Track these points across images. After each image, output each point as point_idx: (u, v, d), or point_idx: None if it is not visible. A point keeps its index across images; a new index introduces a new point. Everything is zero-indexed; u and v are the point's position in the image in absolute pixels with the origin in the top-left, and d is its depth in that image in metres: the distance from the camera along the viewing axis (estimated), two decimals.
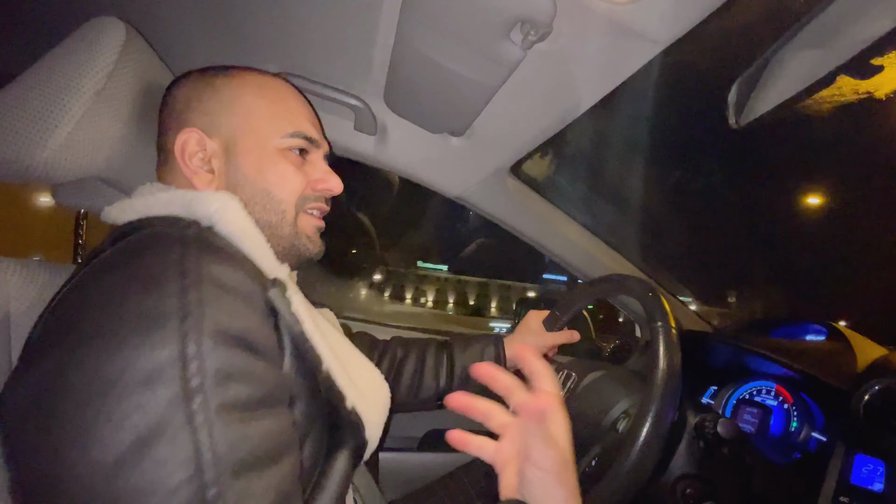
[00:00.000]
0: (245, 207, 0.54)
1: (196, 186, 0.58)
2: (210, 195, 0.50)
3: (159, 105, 0.64)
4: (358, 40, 0.73)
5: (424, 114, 0.86)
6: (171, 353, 0.37)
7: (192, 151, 0.58)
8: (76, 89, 0.53)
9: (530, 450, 0.44)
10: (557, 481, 0.43)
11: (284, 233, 0.61)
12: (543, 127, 0.84)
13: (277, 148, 0.60)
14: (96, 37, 0.56)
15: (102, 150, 0.56)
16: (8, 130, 0.50)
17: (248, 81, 0.61)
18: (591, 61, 0.66)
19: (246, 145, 0.59)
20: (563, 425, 0.45)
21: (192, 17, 0.73)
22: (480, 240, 4.68)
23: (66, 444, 0.35)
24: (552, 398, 0.45)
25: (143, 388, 0.36)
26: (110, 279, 0.42)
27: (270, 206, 0.59)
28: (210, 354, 0.39)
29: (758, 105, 0.67)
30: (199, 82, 0.61)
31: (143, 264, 0.42)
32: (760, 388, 1.01)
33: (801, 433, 0.89)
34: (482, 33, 0.60)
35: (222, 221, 0.49)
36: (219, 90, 0.60)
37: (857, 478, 0.71)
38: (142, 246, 0.44)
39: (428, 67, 0.69)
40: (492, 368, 0.47)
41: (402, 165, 0.98)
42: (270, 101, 0.61)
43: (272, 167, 0.60)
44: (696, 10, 0.55)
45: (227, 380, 0.39)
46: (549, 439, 0.44)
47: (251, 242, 0.51)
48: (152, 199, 0.52)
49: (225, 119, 0.59)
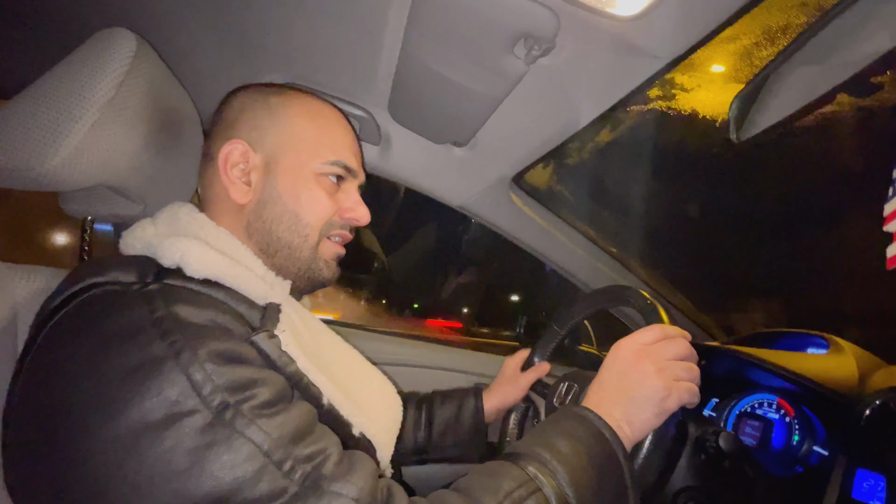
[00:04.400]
0: (270, 224, 0.59)
1: (232, 196, 0.59)
2: (172, 243, 0.50)
3: (169, 115, 0.65)
4: (364, 51, 0.74)
5: (428, 125, 0.86)
6: (181, 387, 0.38)
7: (234, 161, 0.60)
8: (87, 99, 0.53)
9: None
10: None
11: (303, 255, 0.62)
12: (546, 139, 0.84)
13: (315, 172, 0.62)
14: (107, 47, 0.56)
15: (112, 159, 0.57)
16: (19, 139, 0.51)
17: (301, 104, 0.63)
18: (593, 76, 0.67)
19: (286, 164, 0.61)
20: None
21: (201, 28, 0.75)
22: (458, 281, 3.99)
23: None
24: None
25: (171, 423, 0.37)
26: (84, 343, 0.41)
27: (296, 227, 0.61)
28: (217, 374, 0.40)
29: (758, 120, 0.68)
30: (255, 96, 0.63)
31: (111, 324, 0.42)
32: (762, 401, 1.01)
33: (803, 447, 0.89)
34: (487, 47, 0.61)
35: (188, 267, 0.49)
36: (272, 108, 0.62)
37: (858, 492, 0.70)
38: (103, 306, 0.44)
39: (432, 79, 0.70)
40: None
41: (405, 175, 0.98)
42: (318, 126, 0.63)
43: (306, 191, 0.61)
44: (698, 27, 0.55)
45: (244, 388, 0.41)
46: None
47: (228, 274, 0.51)
48: (130, 238, 0.54)
49: (272, 136, 0.61)
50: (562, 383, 0.79)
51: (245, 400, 0.40)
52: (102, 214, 0.69)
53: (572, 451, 0.49)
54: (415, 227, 1.68)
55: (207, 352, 0.40)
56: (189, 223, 0.56)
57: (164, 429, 0.36)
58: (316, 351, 0.55)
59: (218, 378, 0.39)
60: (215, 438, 0.37)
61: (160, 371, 0.38)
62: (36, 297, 0.58)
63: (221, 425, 0.38)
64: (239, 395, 0.40)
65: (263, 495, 0.36)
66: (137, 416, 0.37)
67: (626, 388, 0.56)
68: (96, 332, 0.42)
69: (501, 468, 0.48)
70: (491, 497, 0.44)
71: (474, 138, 0.87)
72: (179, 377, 0.38)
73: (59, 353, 0.42)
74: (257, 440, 0.38)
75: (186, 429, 0.37)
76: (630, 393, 0.56)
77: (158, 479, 0.36)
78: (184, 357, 0.39)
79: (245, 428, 0.38)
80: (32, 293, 0.57)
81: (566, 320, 0.91)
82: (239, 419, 0.38)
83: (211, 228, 0.57)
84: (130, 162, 0.61)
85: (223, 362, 0.41)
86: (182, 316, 0.43)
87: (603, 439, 0.52)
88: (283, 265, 0.61)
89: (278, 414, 0.41)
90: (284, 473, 0.38)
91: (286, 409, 0.43)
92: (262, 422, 0.39)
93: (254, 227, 0.60)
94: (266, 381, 0.43)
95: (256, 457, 0.37)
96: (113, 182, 0.61)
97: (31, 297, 0.57)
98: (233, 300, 0.50)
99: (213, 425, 0.37)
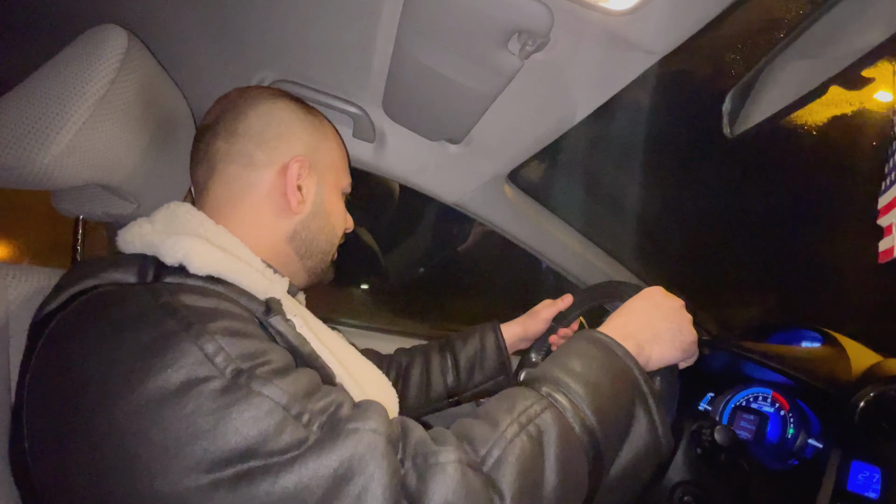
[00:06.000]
0: (315, 234, 0.66)
1: (291, 206, 0.62)
2: (175, 241, 0.50)
3: (161, 112, 0.64)
4: (357, 48, 0.74)
5: (423, 121, 0.86)
6: (195, 357, 0.39)
7: (295, 175, 0.62)
8: (78, 96, 0.53)
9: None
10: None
11: (328, 260, 0.70)
12: (540, 135, 0.84)
13: (343, 191, 0.71)
14: (98, 44, 0.56)
15: (104, 157, 0.57)
16: (9, 137, 0.50)
17: (329, 125, 0.70)
18: (587, 71, 0.67)
19: (330, 182, 0.67)
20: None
21: (193, 25, 0.74)
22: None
23: (157, 474, 0.36)
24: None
25: (190, 389, 0.38)
26: (94, 332, 0.42)
27: (332, 239, 0.69)
28: (229, 345, 0.41)
29: (752, 115, 0.68)
30: (299, 112, 0.65)
31: (120, 313, 0.42)
32: (757, 394, 1.02)
33: (798, 440, 0.90)
34: (480, 43, 0.60)
35: (191, 265, 0.49)
36: (317, 128, 0.67)
37: (853, 485, 0.71)
38: (108, 300, 0.45)
39: (426, 76, 0.69)
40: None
41: (399, 172, 0.98)
42: (341, 148, 0.72)
43: (339, 206, 0.70)
44: (691, 21, 0.56)
45: (255, 357, 0.42)
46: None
47: (232, 270, 0.52)
48: (128, 237, 0.53)
49: (322, 155, 0.66)
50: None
51: (258, 366, 0.41)
52: (96, 213, 0.69)
53: (584, 368, 0.52)
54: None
55: (217, 326, 0.42)
56: (188, 221, 0.56)
57: (184, 395, 0.37)
58: (320, 339, 0.56)
59: (230, 349, 0.41)
60: (235, 397, 0.38)
61: (174, 344, 0.39)
62: (28, 296, 0.57)
63: (238, 387, 0.39)
64: (250, 361, 0.41)
65: (288, 445, 0.38)
66: (155, 387, 0.38)
67: (652, 320, 0.61)
68: (105, 320, 0.42)
69: (516, 392, 0.50)
70: (506, 415, 0.46)
71: (469, 135, 0.87)
72: (192, 348, 0.40)
73: (69, 343, 0.43)
74: (275, 396, 0.39)
75: (205, 393, 0.38)
76: (655, 324, 0.61)
77: (186, 439, 0.37)
78: (194, 330, 0.41)
79: (262, 387, 0.40)
80: (24, 293, 0.57)
81: (562, 316, 0.91)
82: (255, 381, 0.40)
83: (210, 226, 0.57)
84: (123, 160, 0.60)
85: (232, 336, 0.42)
86: (187, 302, 0.44)
87: (615, 357, 0.54)
88: (315, 266, 0.68)
89: (289, 374, 0.43)
90: (304, 424, 0.39)
91: (297, 371, 0.45)
92: (277, 380, 0.41)
93: (300, 234, 0.64)
94: (275, 351, 0.45)
95: (276, 411, 0.39)
96: (105, 180, 0.61)
97: (23, 296, 0.57)
98: (235, 295, 0.51)
99: (230, 388, 0.39)
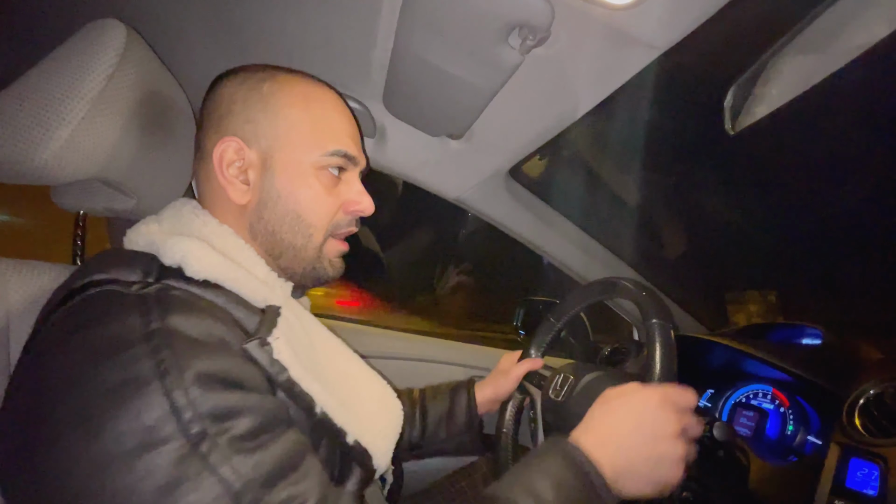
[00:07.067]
0: (272, 226, 0.57)
1: (231, 197, 0.57)
2: (175, 242, 0.50)
3: (161, 107, 0.64)
4: (357, 43, 0.73)
5: (423, 117, 0.86)
6: (161, 410, 0.37)
7: (229, 160, 0.57)
8: (77, 91, 0.53)
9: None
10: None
11: (308, 255, 0.60)
12: (542, 130, 0.84)
13: (315, 166, 0.58)
14: (97, 39, 0.56)
15: (103, 152, 0.57)
16: (8, 132, 0.50)
17: (296, 91, 0.59)
18: (588, 66, 0.67)
19: (283, 160, 0.57)
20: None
21: (193, 19, 0.74)
22: None
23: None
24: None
25: (144, 452, 0.36)
26: (74, 350, 0.41)
27: (298, 229, 0.58)
28: (200, 400, 0.39)
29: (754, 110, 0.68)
30: (246, 85, 0.58)
31: (104, 332, 0.41)
32: (757, 391, 1.02)
33: (797, 437, 0.90)
34: (481, 38, 0.60)
35: (188, 268, 0.48)
36: (265, 97, 0.58)
37: (851, 481, 0.71)
38: (99, 310, 0.44)
39: (427, 71, 0.69)
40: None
41: (400, 168, 0.98)
42: (315, 114, 0.59)
43: (305, 189, 0.58)
44: (693, 15, 0.55)
45: (226, 418, 0.40)
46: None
47: (229, 277, 0.50)
48: (134, 235, 0.53)
49: (267, 129, 0.57)
50: (558, 375, 0.79)
51: (224, 431, 0.39)
52: (96, 208, 0.69)
53: (555, 496, 0.47)
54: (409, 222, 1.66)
55: (195, 373, 0.40)
56: (191, 221, 0.55)
57: (137, 457, 0.36)
58: (312, 357, 0.54)
59: (200, 404, 0.39)
60: (186, 473, 0.36)
61: (143, 394, 0.38)
62: (29, 292, 0.57)
63: (195, 457, 0.37)
64: (219, 424, 0.39)
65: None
66: (112, 440, 0.36)
67: (634, 444, 0.53)
68: (88, 339, 0.41)
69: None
70: None
71: (470, 130, 0.86)
72: (160, 400, 0.38)
73: (48, 359, 0.42)
74: (229, 479, 0.37)
75: (158, 460, 0.36)
76: (637, 450, 0.53)
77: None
78: (168, 379, 0.38)
79: (219, 464, 0.37)
80: (26, 287, 0.57)
81: (562, 313, 0.91)
82: (214, 453, 0.38)
83: (214, 227, 0.56)
84: (122, 155, 0.60)
85: (209, 386, 0.40)
86: (176, 328, 0.42)
87: (591, 489, 0.49)
88: (289, 266, 0.60)
89: (257, 450, 0.40)
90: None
91: (268, 442, 0.41)
92: (237, 459, 0.38)
93: (256, 228, 0.58)
94: (252, 409, 0.42)
95: (222, 500, 0.37)
96: (105, 175, 0.60)
97: (23, 292, 0.57)
98: (231, 304, 0.50)
99: (186, 458, 0.37)
